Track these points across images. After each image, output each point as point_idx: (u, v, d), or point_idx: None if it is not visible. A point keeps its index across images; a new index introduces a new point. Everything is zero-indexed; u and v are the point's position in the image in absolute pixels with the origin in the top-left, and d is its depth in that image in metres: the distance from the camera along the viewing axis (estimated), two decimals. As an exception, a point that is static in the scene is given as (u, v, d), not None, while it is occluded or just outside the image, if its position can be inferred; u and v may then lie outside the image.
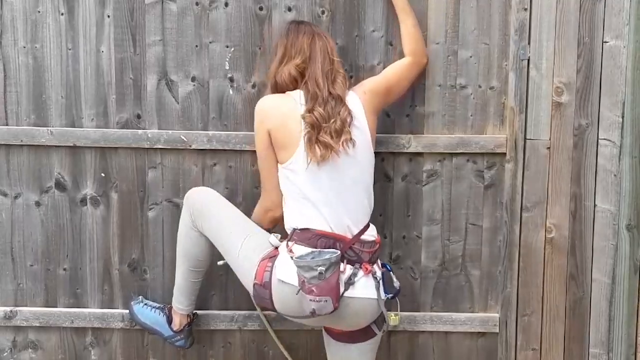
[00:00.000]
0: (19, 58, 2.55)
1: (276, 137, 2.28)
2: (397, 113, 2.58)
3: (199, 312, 2.56)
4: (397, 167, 2.63)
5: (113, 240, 2.63)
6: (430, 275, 2.68)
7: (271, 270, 2.24)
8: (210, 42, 2.55)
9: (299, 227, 2.26)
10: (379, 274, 2.30)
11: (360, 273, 2.23)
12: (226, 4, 2.53)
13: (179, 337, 2.47)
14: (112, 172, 2.60)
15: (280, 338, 2.62)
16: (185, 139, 2.53)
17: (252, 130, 2.50)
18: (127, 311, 2.58)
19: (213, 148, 2.56)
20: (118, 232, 2.63)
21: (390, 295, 2.31)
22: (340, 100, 2.26)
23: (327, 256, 2.17)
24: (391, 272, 2.35)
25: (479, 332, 2.69)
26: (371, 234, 2.33)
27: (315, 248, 2.23)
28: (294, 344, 2.66)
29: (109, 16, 2.53)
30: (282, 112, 2.27)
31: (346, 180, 2.29)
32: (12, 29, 2.54)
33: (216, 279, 2.61)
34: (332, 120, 2.22)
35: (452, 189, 2.65)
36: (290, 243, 2.26)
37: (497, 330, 2.68)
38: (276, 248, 2.31)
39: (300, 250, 2.22)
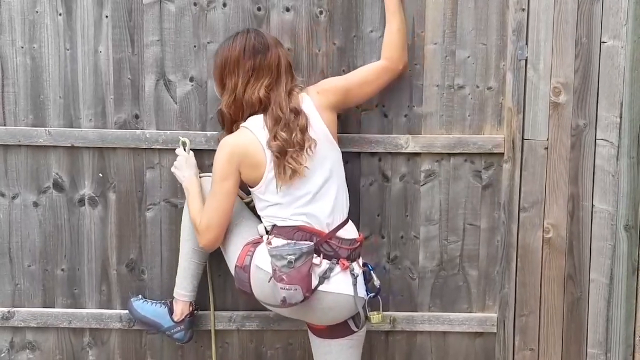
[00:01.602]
0: (16, 58, 2.54)
1: (245, 172, 2.28)
2: (395, 113, 2.58)
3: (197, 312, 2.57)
4: (395, 168, 2.63)
5: (111, 240, 2.63)
6: (428, 275, 2.68)
7: (252, 255, 2.28)
8: (208, 43, 2.54)
9: (278, 224, 2.29)
10: (357, 271, 2.31)
11: (337, 269, 2.26)
12: (224, 5, 2.52)
13: (179, 328, 2.48)
14: (110, 173, 2.60)
15: (279, 338, 2.65)
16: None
17: None
18: (126, 311, 2.58)
19: (211, 148, 2.53)
20: (116, 232, 2.63)
21: (372, 294, 2.34)
22: (297, 112, 2.28)
23: (300, 247, 2.21)
24: (372, 272, 2.37)
25: (477, 332, 2.70)
26: (350, 230, 2.35)
27: (292, 240, 2.26)
28: (291, 344, 2.68)
29: (107, 16, 2.53)
30: (245, 145, 2.25)
31: (317, 181, 2.31)
32: (10, 29, 2.53)
33: (214, 280, 2.62)
34: (293, 135, 2.24)
35: (450, 189, 2.65)
36: (270, 236, 2.29)
37: (495, 331, 2.69)
38: (261, 236, 2.34)
39: (278, 242, 2.26)
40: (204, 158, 2.57)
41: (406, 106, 2.59)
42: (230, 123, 2.36)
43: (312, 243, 2.27)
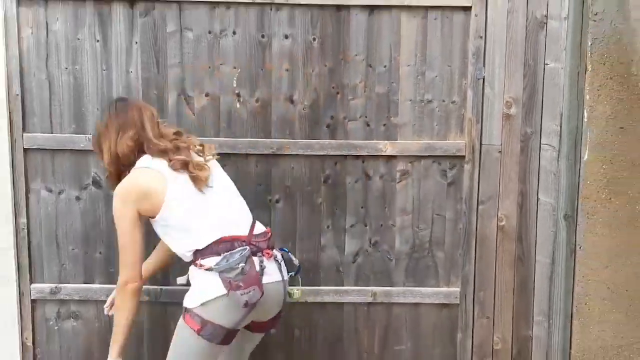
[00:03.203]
0: (62, 77, 2.72)
1: (144, 207, 2.27)
2: (376, 123, 2.78)
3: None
4: (375, 168, 2.82)
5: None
6: (403, 257, 2.87)
7: (191, 313, 2.22)
8: (220, 64, 2.73)
9: (199, 247, 2.26)
10: (279, 256, 2.35)
11: (265, 260, 2.28)
12: (234, 33, 2.71)
13: None
14: None
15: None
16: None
17: (256, 137, 2.74)
18: (153, 287, 2.76)
19: (223, 152, 2.68)
20: (145, 221, 2.57)
21: (293, 272, 2.39)
22: (179, 148, 2.34)
23: (240, 254, 2.20)
24: (289, 253, 2.41)
25: (443, 304, 2.88)
26: (259, 226, 2.37)
27: (219, 255, 2.23)
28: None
29: (136, 42, 2.71)
30: (140, 184, 2.27)
31: (218, 190, 2.35)
32: (57, 53, 2.71)
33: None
34: (185, 154, 2.32)
35: (421, 186, 2.83)
36: (197, 262, 2.25)
37: (458, 302, 2.88)
38: (186, 284, 2.31)
39: (210, 261, 2.22)
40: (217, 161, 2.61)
41: (385, 117, 2.79)
42: (117, 179, 2.36)
43: (247, 247, 2.24)
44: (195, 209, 2.30)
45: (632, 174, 2.64)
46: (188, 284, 2.36)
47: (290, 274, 2.38)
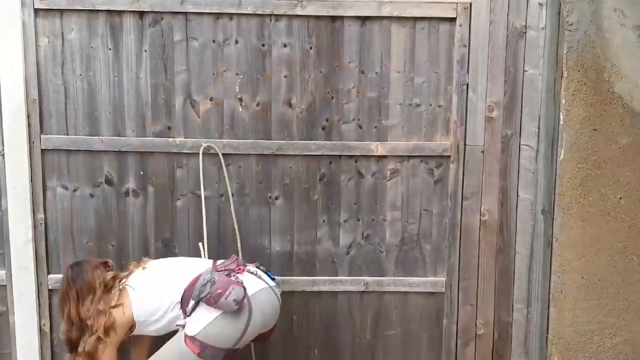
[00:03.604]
0: (76, 83, 2.79)
1: (126, 321, 2.39)
2: (368, 125, 2.85)
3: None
4: (367, 167, 2.89)
5: (150, 223, 2.87)
6: (393, 249, 2.94)
7: (192, 337, 2.30)
8: (224, 71, 2.80)
9: (178, 299, 2.39)
10: (253, 269, 2.48)
11: (238, 275, 2.41)
12: (236, 42, 2.79)
13: None
14: (149, 171, 2.84)
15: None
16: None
17: (257, 139, 2.81)
18: None
19: (226, 152, 2.81)
20: (153, 217, 2.86)
21: (273, 278, 2.53)
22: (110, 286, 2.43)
23: (206, 276, 2.33)
24: (261, 267, 2.54)
25: (430, 292, 2.96)
26: (222, 260, 2.51)
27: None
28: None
29: (145, 51, 2.78)
30: (114, 308, 2.38)
31: (166, 262, 2.54)
32: (71, 60, 2.79)
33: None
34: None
35: (410, 183, 2.90)
36: (187, 311, 2.35)
37: (444, 291, 2.95)
38: (181, 328, 2.40)
39: (192, 302, 2.35)
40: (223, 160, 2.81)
41: (376, 120, 2.86)
42: (74, 346, 2.42)
43: (209, 267, 2.38)
44: (155, 280, 2.44)
45: (603, 172, 2.70)
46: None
47: (271, 277, 2.50)
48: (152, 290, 2.43)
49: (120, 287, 2.45)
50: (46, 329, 2.98)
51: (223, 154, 2.82)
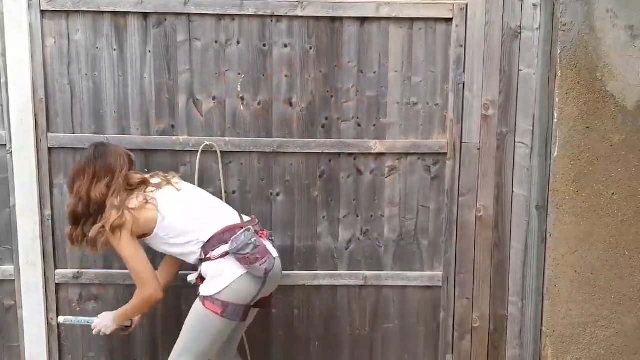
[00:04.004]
0: (82, 83, 2.82)
1: (139, 229, 2.39)
2: (366, 123, 2.88)
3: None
4: (366, 164, 2.91)
5: None
6: (391, 244, 2.96)
7: (213, 298, 2.32)
8: (226, 71, 2.83)
9: (205, 240, 2.39)
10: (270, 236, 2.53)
11: (262, 240, 2.46)
12: (238, 42, 2.81)
13: None
14: (153, 168, 2.81)
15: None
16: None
17: (258, 137, 2.84)
18: None
19: (229, 150, 2.84)
20: None
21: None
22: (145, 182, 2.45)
23: (245, 235, 2.35)
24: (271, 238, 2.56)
25: (427, 286, 2.98)
26: (245, 216, 2.55)
27: (226, 242, 2.37)
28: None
29: (150, 51, 2.81)
30: (130, 211, 2.39)
31: (198, 194, 2.53)
32: (77, 61, 2.82)
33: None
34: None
35: (407, 180, 2.92)
36: (209, 255, 2.36)
37: (441, 285, 2.97)
38: (198, 279, 2.43)
39: (221, 249, 2.35)
40: (224, 158, 2.84)
41: (375, 118, 2.88)
42: (76, 223, 2.45)
43: (250, 227, 2.41)
44: (190, 210, 2.44)
45: (596, 168, 2.72)
46: (198, 281, 2.48)
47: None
48: (182, 220, 2.42)
49: (148, 198, 2.42)
50: (53, 323, 3.02)
51: (225, 152, 2.85)
